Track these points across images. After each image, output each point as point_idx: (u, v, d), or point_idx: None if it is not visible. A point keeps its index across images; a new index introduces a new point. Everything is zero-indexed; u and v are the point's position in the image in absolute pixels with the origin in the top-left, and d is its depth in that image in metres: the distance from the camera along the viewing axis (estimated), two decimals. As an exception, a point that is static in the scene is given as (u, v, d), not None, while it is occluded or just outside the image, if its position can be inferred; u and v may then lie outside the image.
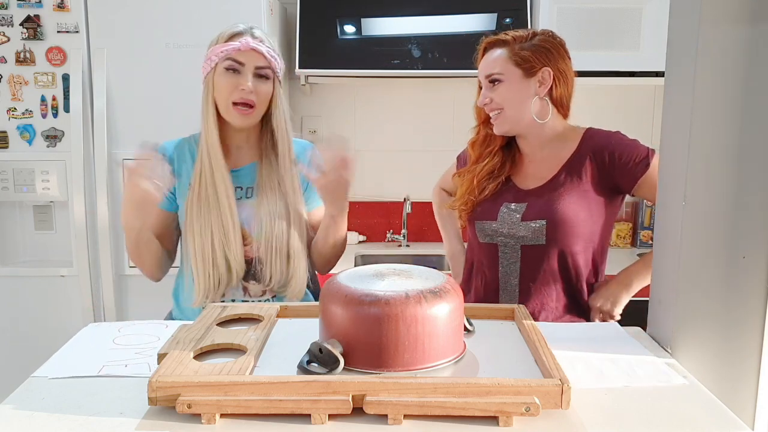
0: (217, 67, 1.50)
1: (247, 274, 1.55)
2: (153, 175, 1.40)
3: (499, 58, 1.53)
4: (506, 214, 1.57)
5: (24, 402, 0.98)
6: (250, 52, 1.49)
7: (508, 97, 1.52)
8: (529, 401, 0.89)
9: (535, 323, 1.19)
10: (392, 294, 1.00)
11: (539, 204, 1.53)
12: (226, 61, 1.49)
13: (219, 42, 1.51)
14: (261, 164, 1.57)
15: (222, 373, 0.96)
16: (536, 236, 1.52)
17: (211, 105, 1.51)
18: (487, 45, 1.58)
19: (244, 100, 1.49)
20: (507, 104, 1.53)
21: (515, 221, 1.55)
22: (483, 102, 1.56)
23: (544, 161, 1.58)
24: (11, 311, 2.31)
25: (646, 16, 2.43)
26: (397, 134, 2.91)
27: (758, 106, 1.14)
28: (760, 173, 1.15)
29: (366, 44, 2.54)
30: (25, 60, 2.20)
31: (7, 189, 2.26)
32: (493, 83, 1.53)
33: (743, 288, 1.18)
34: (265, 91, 1.51)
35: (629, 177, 1.51)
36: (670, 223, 1.22)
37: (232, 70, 1.49)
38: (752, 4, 1.11)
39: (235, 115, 1.50)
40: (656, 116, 2.91)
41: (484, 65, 1.57)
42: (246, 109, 1.50)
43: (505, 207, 1.57)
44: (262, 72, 1.50)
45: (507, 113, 1.53)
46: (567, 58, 1.55)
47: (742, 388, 1.20)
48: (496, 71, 1.52)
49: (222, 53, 1.49)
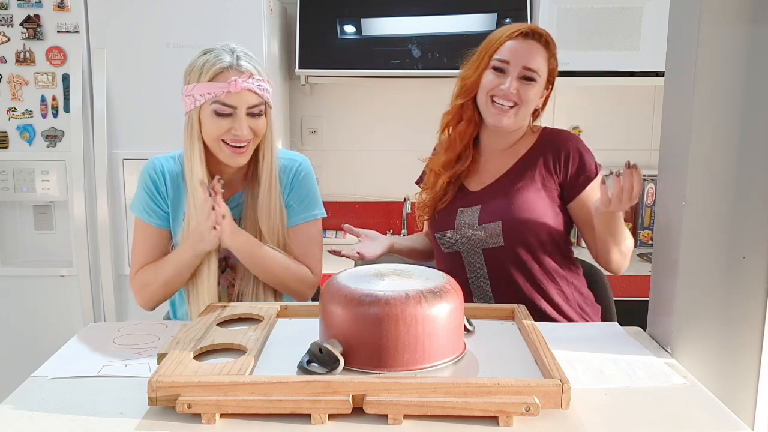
0: (204, 107, 1.37)
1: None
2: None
3: (541, 58, 1.49)
4: (462, 220, 1.55)
5: (24, 402, 0.98)
6: (241, 93, 1.36)
7: (532, 99, 1.49)
8: (529, 401, 0.89)
9: (535, 323, 1.19)
10: (392, 294, 1.00)
11: (493, 205, 1.52)
12: (214, 105, 1.36)
13: (202, 78, 1.36)
14: (247, 193, 1.50)
15: (222, 373, 0.96)
16: (494, 238, 1.50)
17: (197, 142, 1.40)
18: (531, 33, 1.49)
19: (237, 142, 1.39)
20: (528, 104, 1.50)
21: (472, 225, 1.53)
22: (509, 90, 1.47)
23: (498, 161, 1.57)
24: (11, 311, 2.30)
25: (646, 16, 2.43)
26: (397, 134, 2.91)
27: (758, 105, 1.14)
28: (760, 173, 1.15)
29: (366, 44, 2.54)
30: (25, 60, 2.20)
31: (7, 189, 2.26)
32: (529, 79, 1.47)
33: (743, 288, 1.18)
34: (258, 127, 1.41)
35: (572, 190, 1.52)
36: (670, 223, 1.22)
37: (222, 114, 1.37)
38: (752, 4, 1.11)
39: (228, 155, 1.40)
40: (656, 116, 2.91)
41: (524, 53, 1.47)
42: (241, 147, 1.40)
43: (460, 213, 1.55)
44: (255, 110, 1.39)
45: (521, 111, 1.49)
46: None
47: (742, 388, 1.20)
48: (537, 68, 1.48)
49: (209, 95, 1.35)
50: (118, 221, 2.27)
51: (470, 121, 1.56)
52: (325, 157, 2.85)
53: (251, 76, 1.38)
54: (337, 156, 2.88)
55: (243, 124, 1.37)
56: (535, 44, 1.49)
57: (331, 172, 2.86)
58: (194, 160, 1.41)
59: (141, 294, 1.49)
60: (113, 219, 2.25)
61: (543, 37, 1.50)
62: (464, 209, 1.55)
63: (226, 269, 1.53)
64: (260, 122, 1.41)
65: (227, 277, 1.53)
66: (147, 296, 1.49)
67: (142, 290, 1.49)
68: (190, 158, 1.42)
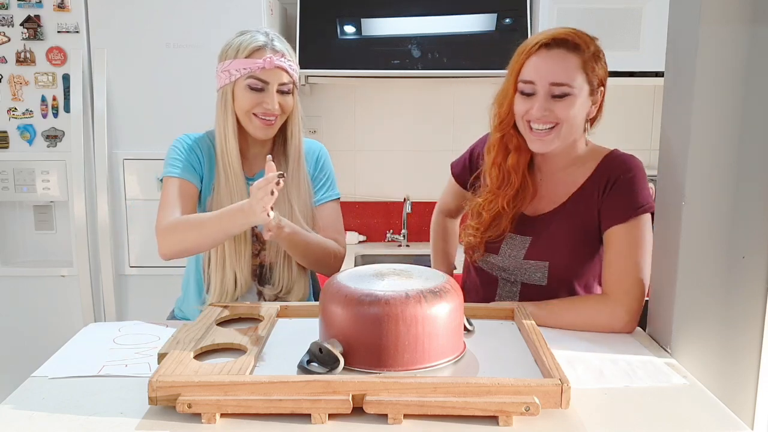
0: (238, 82, 1.47)
1: (262, 279, 1.56)
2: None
3: (571, 66, 1.29)
4: (509, 248, 1.42)
5: (24, 402, 0.98)
6: (274, 71, 1.46)
7: (572, 115, 1.30)
8: (529, 401, 0.90)
9: (535, 323, 1.19)
10: (392, 294, 1.00)
11: (543, 240, 1.39)
12: (249, 79, 1.46)
13: (239, 55, 1.46)
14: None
15: (222, 372, 0.96)
16: (538, 277, 1.40)
17: (231, 115, 1.49)
18: (553, 42, 1.30)
19: (267, 115, 1.48)
20: (568, 121, 1.31)
21: (518, 258, 1.41)
22: (541, 114, 1.30)
23: (558, 184, 1.42)
24: (11, 311, 2.30)
25: (646, 16, 2.43)
26: (397, 134, 2.91)
27: (758, 105, 1.14)
28: (760, 173, 1.15)
29: (366, 44, 2.54)
30: (26, 60, 2.20)
31: (8, 189, 2.26)
32: (560, 95, 1.29)
33: (743, 288, 1.18)
34: (287, 104, 1.51)
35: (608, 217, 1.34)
36: (670, 223, 1.22)
37: (255, 89, 1.46)
38: (752, 4, 1.11)
39: (258, 126, 1.49)
40: (656, 116, 2.91)
41: (548, 68, 1.30)
42: (270, 120, 1.49)
43: (510, 239, 1.43)
44: (285, 88, 1.49)
45: (563, 130, 1.32)
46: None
47: (742, 388, 1.20)
48: (568, 82, 1.29)
49: (245, 70, 1.45)
50: (118, 221, 2.27)
51: (519, 150, 1.40)
52: (325, 157, 2.85)
53: (284, 56, 1.48)
54: (337, 156, 2.86)
55: (274, 98, 1.47)
56: (561, 52, 1.29)
57: (331, 172, 2.86)
58: (228, 131, 1.49)
59: (167, 238, 1.43)
60: (113, 219, 2.26)
61: (570, 42, 1.30)
62: (514, 236, 1.42)
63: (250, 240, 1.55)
64: (288, 99, 1.51)
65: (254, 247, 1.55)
66: (173, 242, 1.43)
67: (170, 235, 1.43)
68: (223, 130, 1.50)
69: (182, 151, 1.52)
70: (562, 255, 1.38)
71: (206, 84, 1.77)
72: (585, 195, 1.38)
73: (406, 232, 2.87)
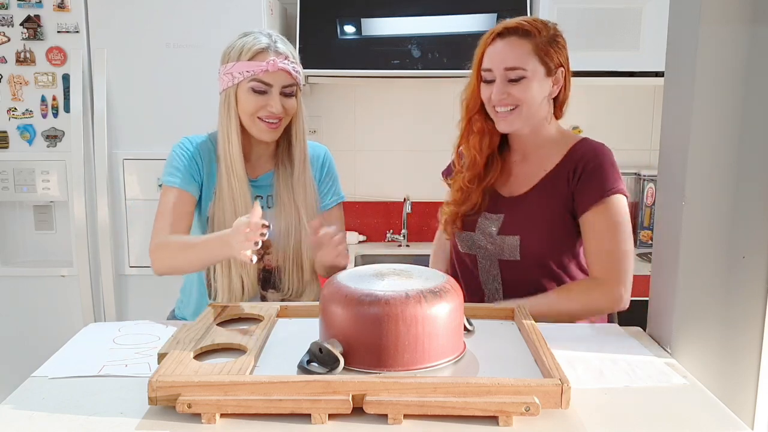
0: (241, 85, 1.46)
1: (267, 284, 1.56)
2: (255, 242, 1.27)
3: (523, 51, 1.39)
4: (484, 225, 1.50)
5: (24, 402, 0.98)
6: (278, 73, 1.45)
7: (529, 95, 1.40)
8: (529, 401, 0.89)
9: (535, 323, 1.19)
10: (392, 294, 1.00)
11: (516, 217, 1.47)
12: (252, 82, 1.45)
13: (242, 57, 1.45)
14: (278, 172, 1.57)
15: (222, 373, 0.96)
16: (511, 251, 1.46)
17: (234, 118, 1.48)
18: (506, 30, 1.41)
19: (271, 118, 1.48)
20: (527, 102, 1.40)
21: (492, 234, 1.48)
22: (500, 97, 1.40)
23: (530, 166, 1.50)
24: (11, 311, 2.30)
25: (646, 16, 2.43)
26: (397, 134, 2.91)
27: (758, 106, 1.14)
28: (760, 173, 1.15)
29: (366, 44, 2.54)
30: (26, 60, 2.20)
31: (7, 189, 2.26)
32: (516, 78, 1.39)
33: (743, 288, 1.18)
34: (291, 106, 1.50)
35: (582, 203, 1.41)
36: (670, 223, 1.22)
37: (258, 92, 1.46)
38: (752, 4, 1.11)
39: (263, 129, 1.48)
40: (656, 116, 2.91)
41: (502, 55, 1.40)
42: (274, 123, 1.48)
43: (484, 217, 1.51)
44: (288, 90, 1.49)
45: (523, 111, 1.41)
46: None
47: (742, 388, 1.20)
48: (521, 65, 1.38)
49: (248, 73, 1.45)
50: (118, 221, 2.27)
51: (482, 133, 1.50)
52: (325, 157, 2.85)
53: (287, 58, 1.48)
54: (337, 156, 2.85)
55: (277, 101, 1.47)
56: (513, 39, 1.40)
57: (331, 172, 2.86)
58: (231, 134, 1.49)
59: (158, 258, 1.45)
60: (113, 219, 2.26)
61: (520, 29, 1.40)
62: (489, 214, 1.50)
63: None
64: (292, 102, 1.51)
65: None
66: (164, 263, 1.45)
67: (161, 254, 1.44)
68: (227, 133, 1.49)
69: (183, 159, 1.51)
70: (533, 231, 1.45)
71: (206, 84, 1.78)
72: (556, 178, 1.46)
73: (406, 232, 2.87)
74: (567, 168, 1.45)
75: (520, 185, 1.50)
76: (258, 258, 1.50)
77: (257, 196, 1.54)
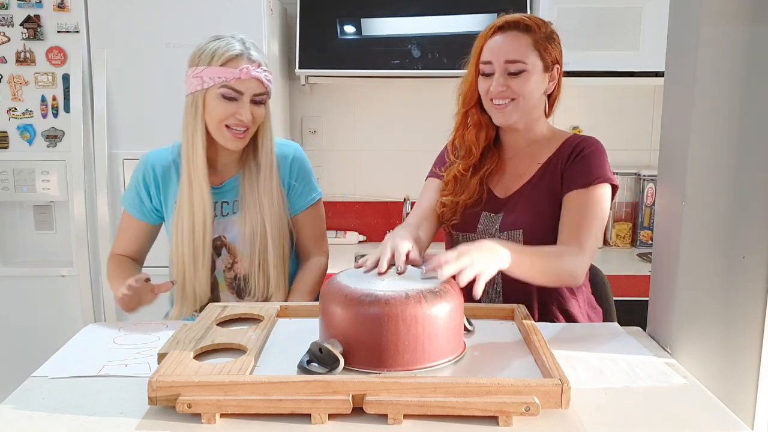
0: (211, 90, 1.43)
1: (242, 291, 1.56)
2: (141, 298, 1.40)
3: (524, 45, 1.40)
4: (484, 226, 1.50)
5: (24, 402, 0.98)
6: (250, 81, 1.43)
7: (528, 89, 1.41)
8: (529, 401, 0.90)
9: (535, 323, 1.19)
10: (392, 294, 1.00)
11: (516, 214, 1.47)
12: (223, 89, 1.42)
13: (213, 62, 1.43)
14: (243, 176, 1.54)
15: (222, 373, 0.96)
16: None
17: (200, 123, 1.45)
18: (507, 24, 1.43)
19: (239, 125, 1.45)
20: (525, 95, 1.41)
21: (493, 232, 1.48)
22: (499, 90, 1.41)
23: (524, 160, 1.51)
24: (11, 311, 2.30)
25: (646, 16, 2.43)
26: (397, 134, 2.91)
27: (758, 105, 1.14)
28: (760, 173, 1.15)
29: (366, 44, 2.54)
30: (26, 60, 2.20)
31: (7, 189, 2.26)
32: (516, 72, 1.40)
33: (743, 288, 1.18)
34: (259, 114, 1.47)
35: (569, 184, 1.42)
36: (670, 223, 1.23)
37: (228, 98, 1.43)
38: (752, 4, 1.11)
39: (228, 138, 1.46)
40: (656, 116, 2.91)
41: (502, 48, 1.42)
42: (240, 132, 1.45)
43: (484, 217, 1.50)
44: (259, 99, 1.46)
45: (520, 104, 1.42)
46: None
47: (742, 388, 1.20)
48: (521, 59, 1.40)
49: (219, 79, 1.42)
50: (118, 221, 2.26)
51: (478, 126, 1.51)
52: (325, 157, 2.85)
53: (260, 66, 1.46)
54: (337, 156, 2.88)
55: (247, 109, 1.44)
56: (514, 33, 1.41)
57: (331, 172, 2.86)
58: (196, 139, 1.46)
59: (107, 270, 1.61)
60: (113, 219, 2.25)
61: (521, 24, 1.42)
62: (488, 214, 1.50)
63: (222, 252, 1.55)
64: (261, 110, 1.48)
65: (224, 261, 1.55)
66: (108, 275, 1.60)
67: (107, 268, 1.61)
68: (191, 138, 1.47)
69: (133, 180, 1.56)
70: (535, 222, 1.45)
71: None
72: (550, 168, 1.47)
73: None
74: (560, 156, 1.46)
75: (515, 182, 1.51)
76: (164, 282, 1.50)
77: (223, 202, 1.54)
